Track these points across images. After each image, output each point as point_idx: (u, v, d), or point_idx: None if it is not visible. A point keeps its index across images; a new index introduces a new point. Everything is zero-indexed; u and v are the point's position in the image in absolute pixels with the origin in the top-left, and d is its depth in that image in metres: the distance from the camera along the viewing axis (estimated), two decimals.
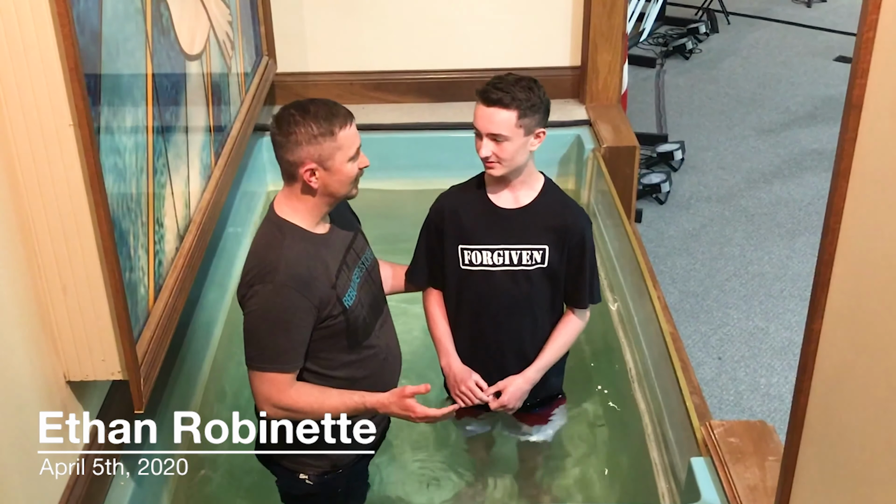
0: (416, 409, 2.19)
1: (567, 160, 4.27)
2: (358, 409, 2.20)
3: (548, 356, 2.55)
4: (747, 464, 2.30)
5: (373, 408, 2.20)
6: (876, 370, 1.50)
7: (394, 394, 2.20)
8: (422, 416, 2.20)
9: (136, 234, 2.25)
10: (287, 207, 2.17)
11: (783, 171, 5.55)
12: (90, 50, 1.98)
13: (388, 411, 2.22)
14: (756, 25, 8.10)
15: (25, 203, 1.91)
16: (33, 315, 1.98)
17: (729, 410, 3.67)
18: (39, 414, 2.01)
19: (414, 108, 4.47)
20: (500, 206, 2.45)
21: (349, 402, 2.19)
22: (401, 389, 2.20)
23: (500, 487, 2.92)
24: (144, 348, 2.22)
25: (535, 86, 2.33)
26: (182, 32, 2.75)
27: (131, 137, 2.25)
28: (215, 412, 3.10)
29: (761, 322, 4.21)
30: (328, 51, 4.43)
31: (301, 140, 2.06)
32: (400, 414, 2.21)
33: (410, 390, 2.19)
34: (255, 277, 2.12)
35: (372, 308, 2.30)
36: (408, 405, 2.18)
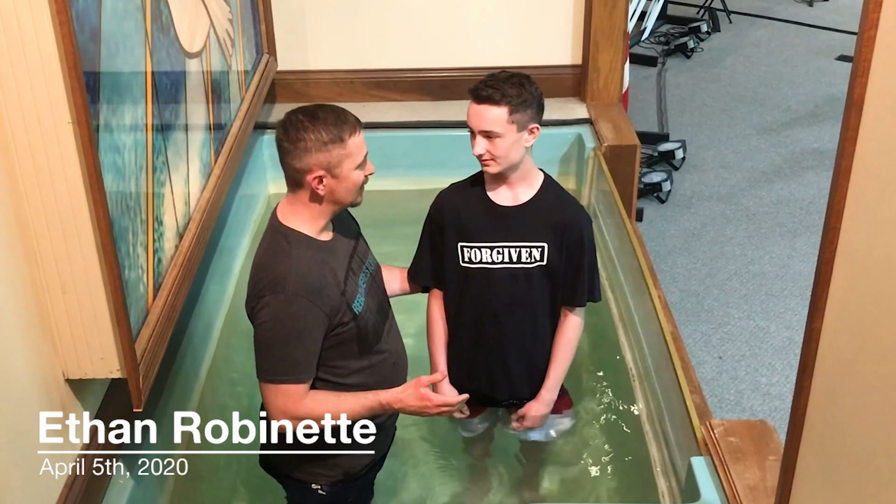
0: (432, 399, 2.17)
1: (568, 159, 4.26)
2: (374, 408, 2.17)
3: (556, 373, 2.57)
4: (747, 463, 2.29)
5: (388, 403, 2.17)
6: (877, 369, 1.50)
7: (409, 385, 2.18)
8: (439, 404, 2.17)
9: (136, 232, 2.24)
10: (292, 215, 2.14)
11: (784, 171, 5.54)
12: (89, 47, 1.97)
13: (404, 405, 2.18)
14: (758, 24, 8.09)
15: (24, 201, 1.91)
16: (32, 313, 1.97)
17: (729, 409, 3.67)
18: (38, 413, 2.00)
19: (415, 107, 4.46)
20: (498, 204, 2.44)
21: (365, 402, 2.16)
22: (415, 380, 2.17)
23: (500, 487, 2.92)
24: (143, 346, 2.21)
25: (526, 82, 2.32)
26: (182, 30, 2.74)
27: (131, 135, 2.24)
28: (214, 412, 3.10)
29: (762, 321, 4.21)
30: (329, 49, 4.42)
31: (310, 147, 2.03)
32: (416, 406, 2.17)
33: (426, 380, 2.18)
34: (265, 288, 2.08)
35: (379, 313, 2.29)
36: (423, 395, 2.16)
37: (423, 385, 2.16)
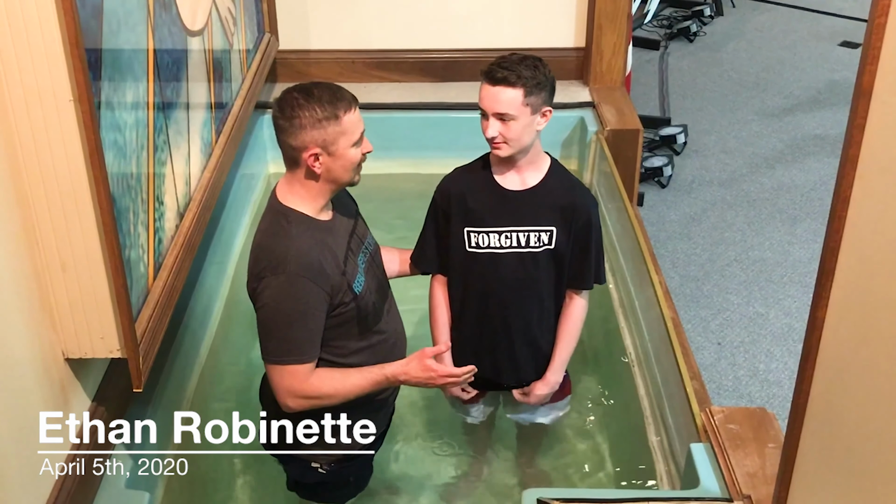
0: (437, 370, 2.16)
1: (570, 142, 4.25)
2: (380, 381, 2.17)
3: (562, 354, 2.57)
4: (747, 450, 2.30)
5: (394, 376, 2.16)
6: (880, 359, 1.50)
7: (413, 358, 2.17)
8: (444, 375, 2.17)
9: (136, 212, 2.23)
10: (290, 195, 2.13)
11: (786, 156, 5.52)
12: (91, 24, 1.96)
13: (410, 377, 2.17)
14: (761, 9, 8.05)
15: (25, 179, 1.89)
16: (32, 292, 1.97)
17: (728, 396, 3.67)
18: (37, 389, 2.00)
19: (416, 88, 4.44)
20: (506, 188, 2.43)
21: (370, 376, 2.16)
22: (420, 352, 2.17)
23: (500, 471, 2.92)
24: (144, 326, 2.21)
25: (540, 64, 2.31)
26: (184, 8, 2.72)
27: (132, 113, 2.22)
28: (213, 393, 3.09)
29: (761, 308, 4.20)
30: (330, 28, 4.39)
31: (305, 124, 2.02)
32: (422, 377, 2.17)
33: (430, 351, 2.17)
34: (266, 269, 2.07)
35: (379, 293, 2.28)
36: (428, 367, 2.15)
37: (428, 356, 2.16)
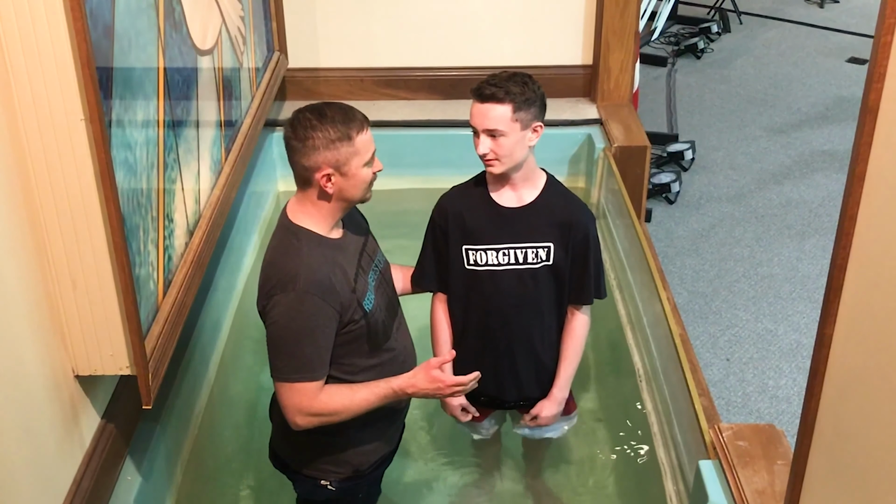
0: (444, 379, 2.16)
1: (577, 159, 4.26)
2: (388, 395, 2.17)
3: (567, 371, 2.57)
4: (756, 468, 2.29)
5: (401, 389, 2.16)
6: (888, 376, 1.49)
7: (419, 370, 2.18)
8: (452, 384, 2.17)
9: (146, 229, 2.24)
10: (301, 213, 2.14)
11: (794, 172, 5.52)
12: (102, 44, 1.98)
13: (417, 389, 2.17)
14: (768, 25, 8.07)
15: (36, 197, 1.91)
16: (42, 309, 1.98)
17: (736, 412, 3.66)
18: (47, 408, 2.01)
19: (425, 105, 4.46)
20: (503, 206, 2.44)
21: (378, 391, 2.16)
22: (425, 364, 2.18)
23: (506, 488, 2.92)
24: (153, 343, 2.22)
25: (529, 80, 2.32)
26: (194, 27, 2.75)
27: (142, 132, 2.24)
28: (222, 409, 3.10)
29: (770, 324, 4.20)
30: (339, 47, 4.42)
31: (318, 145, 2.03)
32: (429, 388, 2.17)
33: (435, 362, 2.18)
34: (276, 287, 2.08)
35: (388, 311, 2.29)
36: (435, 377, 2.16)
37: (433, 367, 2.16)
